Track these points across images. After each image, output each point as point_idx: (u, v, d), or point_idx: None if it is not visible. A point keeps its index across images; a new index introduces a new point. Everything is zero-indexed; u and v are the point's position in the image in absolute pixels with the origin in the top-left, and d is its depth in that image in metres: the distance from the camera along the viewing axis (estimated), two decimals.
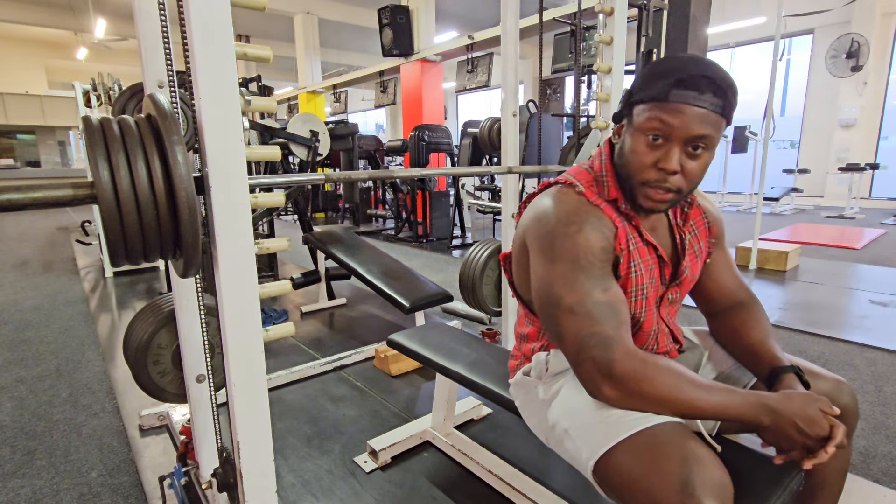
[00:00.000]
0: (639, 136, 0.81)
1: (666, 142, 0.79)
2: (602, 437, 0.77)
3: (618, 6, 1.65)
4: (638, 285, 0.87)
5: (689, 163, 0.80)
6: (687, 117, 0.76)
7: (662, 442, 0.73)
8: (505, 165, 1.81)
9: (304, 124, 3.06)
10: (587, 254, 0.81)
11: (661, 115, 0.77)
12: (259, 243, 0.82)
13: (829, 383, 0.91)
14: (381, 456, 1.55)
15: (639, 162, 0.82)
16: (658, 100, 0.78)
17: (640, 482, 0.71)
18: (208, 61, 0.71)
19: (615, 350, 0.76)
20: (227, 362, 0.79)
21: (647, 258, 0.88)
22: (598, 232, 0.82)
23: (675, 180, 0.80)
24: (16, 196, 0.62)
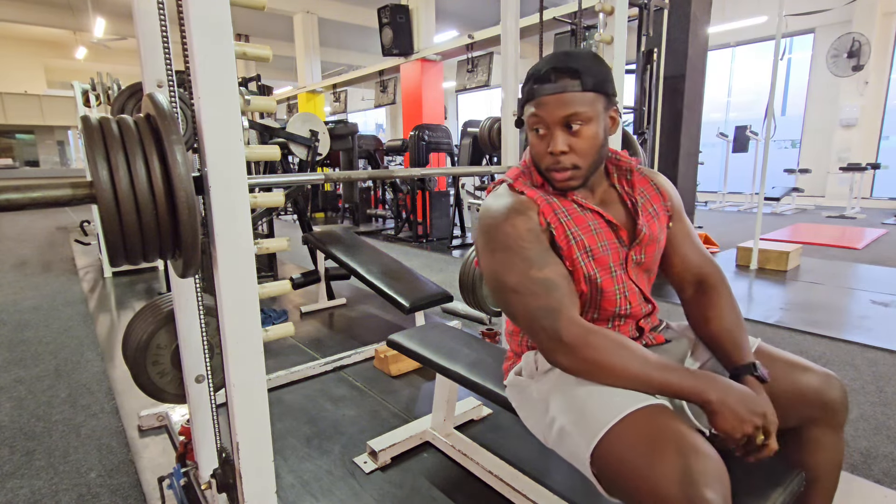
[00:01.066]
0: (530, 132, 0.94)
1: (546, 130, 0.91)
2: (594, 425, 0.78)
3: (618, 6, 1.65)
4: (582, 249, 0.92)
5: (574, 140, 0.89)
6: (550, 105, 0.88)
7: (657, 429, 0.74)
8: (505, 165, 1.80)
9: (304, 124, 3.06)
10: (517, 238, 0.89)
11: (534, 110, 0.91)
12: (258, 243, 0.82)
13: (818, 377, 0.91)
14: (381, 456, 1.55)
15: (536, 153, 0.94)
16: (529, 99, 0.92)
17: (638, 472, 0.71)
18: (208, 61, 0.71)
19: (560, 318, 0.83)
20: (227, 362, 0.79)
21: (591, 224, 0.94)
22: (522, 216, 0.91)
23: (566, 159, 0.90)
24: (15, 196, 0.62)
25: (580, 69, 0.87)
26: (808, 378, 0.91)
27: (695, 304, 1.01)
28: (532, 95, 0.91)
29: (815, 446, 0.93)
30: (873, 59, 7.83)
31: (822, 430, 0.92)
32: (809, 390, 0.90)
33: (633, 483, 0.72)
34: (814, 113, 9.09)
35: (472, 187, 7.19)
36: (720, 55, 10.21)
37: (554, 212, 0.93)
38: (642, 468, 0.71)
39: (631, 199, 0.99)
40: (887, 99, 8.33)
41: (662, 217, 1.01)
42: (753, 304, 3.25)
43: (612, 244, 0.95)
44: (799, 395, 0.89)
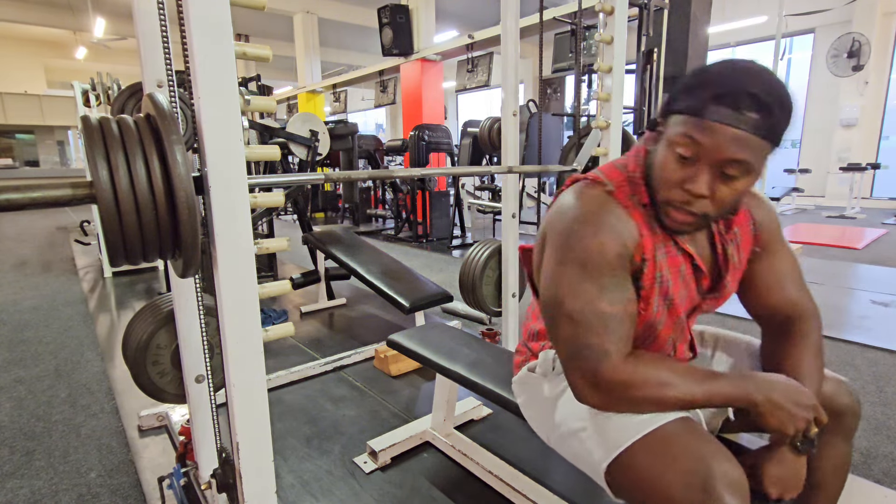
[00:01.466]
0: (669, 150, 0.74)
1: (696, 162, 0.72)
2: (616, 437, 0.75)
3: (618, 5, 1.65)
4: (663, 296, 0.81)
5: (720, 188, 0.72)
6: (721, 138, 0.68)
7: (676, 440, 0.71)
8: (505, 165, 1.80)
9: (304, 124, 3.06)
10: (599, 259, 0.75)
11: (693, 131, 0.70)
12: (258, 243, 0.82)
13: (829, 383, 0.89)
14: (381, 456, 1.55)
15: (665, 178, 0.75)
16: (692, 114, 0.70)
17: (656, 481, 0.70)
18: (208, 61, 0.71)
19: (605, 362, 0.74)
20: (227, 363, 0.79)
21: (681, 268, 0.82)
22: (615, 237, 0.76)
23: (701, 205, 0.73)
24: (14, 196, 0.62)
25: (775, 110, 0.68)
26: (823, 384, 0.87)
27: (771, 342, 0.90)
28: (702, 112, 0.69)
29: (822, 453, 0.88)
30: (873, 59, 7.83)
31: (831, 437, 0.88)
32: (825, 395, 0.85)
33: (649, 492, 0.70)
34: (814, 113, 9.08)
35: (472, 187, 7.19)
36: (720, 55, 10.20)
37: (654, 247, 0.79)
38: (660, 477, 0.69)
39: (723, 243, 0.85)
40: (887, 99, 8.33)
41: (742, 266, 0.89)
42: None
43: (690, 293, 0.85)
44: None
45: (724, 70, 0.70)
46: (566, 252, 0.77)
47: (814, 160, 8.84)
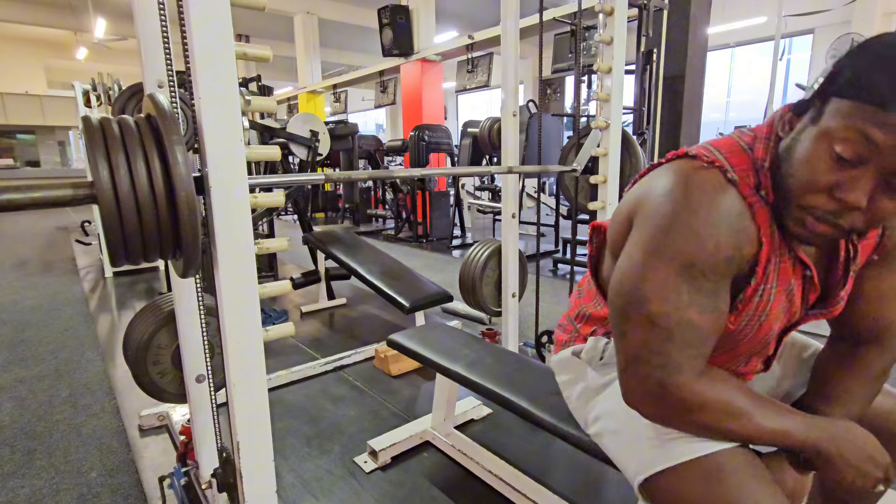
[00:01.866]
0: (822, 144, 0.58)
1: (860, 165, 0.56)
2: (657, 454, 0.70)
3: (618, 6, 1.65)
4: (760, 311, 0.69)
5: (883, 201, 0.57)
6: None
7: (728, 475, 0.65)
8: (505, 165, 1.81)
9: (304, 124, 3.06)
10: (706, 259, 0.62)
11: (867, 127, 0.54)
12: (259, 243, 0.82)
13: (892, 400, 0.80)
14: (381, 456, 1.55)
15: (809, 178, 0.59)
16: (874, 103, 0.53)
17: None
18: (208, 61, 0.71)
19: (675, 377, 0.65)
20: (227, 362, 0.79)
21: (790, 283, 0.69)
22: (733, 237, 0.62)
23: (849, 218, 0.59)
24: (15, 196, 0.62)
25: None
26: (882, 400, 0.79)
27: (835, 354, 0.81)
28: (886, 104, 0.53)
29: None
30: None
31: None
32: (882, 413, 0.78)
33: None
34: None
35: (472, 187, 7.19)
36: (720, 55, 10.21)
37: (769, 257, 0.66)
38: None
39: (853, 248, 0.71)
40: None
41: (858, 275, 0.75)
42: None
43: (793, 307, 0.72)
44: (868, 421, 0.76)
45: None
46: (666, 244, 0.63)
47: None
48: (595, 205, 1.78)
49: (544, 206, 5.78)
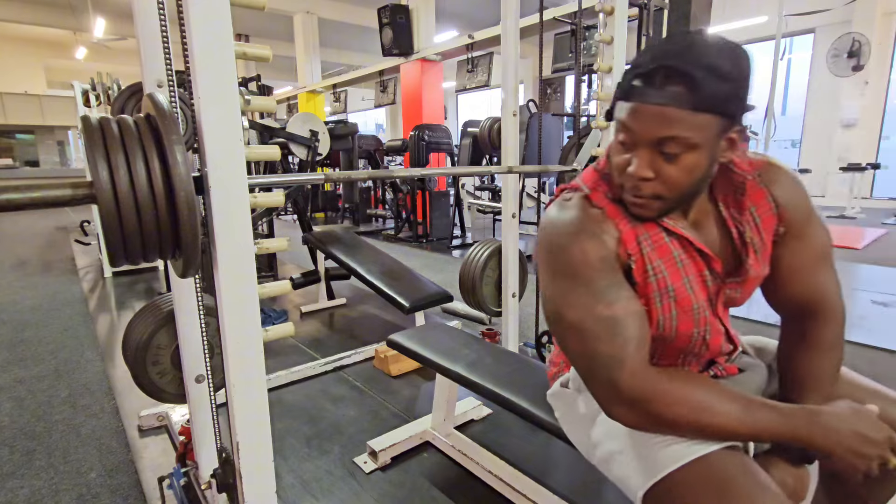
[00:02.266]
0: (615, 137, 0.73)
1: (632, 145, 0.70)
2: (653, 463, 0.71)
3: (618, 6, 1.65)
4: (662, 288, 0.75)
5: (665, 167, 0.68)
6: (645, 118, 0.66)
7: (726, 476, 0.65)
8: (505, 165, 1.80)
9: (304, 124, 3.06)
10: (585, 266, 0.72)
11: (624, 116, 0.69)
12: (258, 243, 0.82)
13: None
14: (381, 456, 1.55)
15: (616, 164, 0.73)
16: (622, 98, 0.69)
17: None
18: (208, 61, 0.71)
19: (622, 369, 0.69)
20: (227, 362, 0.79)
21: (674, 254, 0.76)
22: (595, 240, 0.73)
23: (648, 187, 0.70)
24: (14, 196, 0.62)
25: (698, 78, 0.63)
26: (891, 410, 0.77)
27: (787, 340, 0.86)
28: (627, 96, 0.68)
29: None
30: (873, 59, 7.83)
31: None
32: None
33: None
34: (814, 113, 9.08)
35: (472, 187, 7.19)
36: None
37: (637, 239, 0.75)
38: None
39: (737, 227, 0.78)
40: (887, 99, 8.33)
41: (767, 249, 0.80)
42: (753, 304, 3.23)
43: (698, 278, 0.77)
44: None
45: (654, 45, 0.68)
46: (554, 266, 0.75)
47: (814, 160, 8.84)
48: None
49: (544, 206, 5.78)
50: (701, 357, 0.83)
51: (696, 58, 0.63)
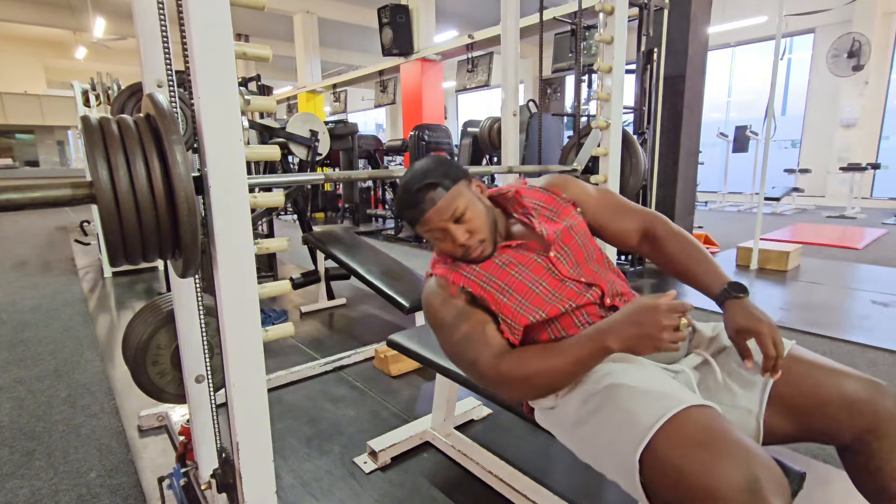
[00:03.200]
0: (431, 239, 1.06)
1: (444, 233, 1.01)
2: (639, 428, 0.74)
3: (618, 5, 1.65)
4: (498, 289, 0.99)
5: (462, 229, 1.00)
6: (433, 218, 1.00)
7: (711, 432, 0.71)
8: (505, 165, 1.80)
9: (304, 124, 3.06)
10: (437, 315, 1.01)
11: (425, 228, 1.02)
12: (258, 243, 0.81)
13: (864, 384, 0.85)
14: (381, 456, 1.55)
15: (448, 251, 1.05)
16: (413, 223, 1.03)
17: (696, 478, 0.67)
18: (208, 61, 0.70)
19: (479, 366, 0.93)
20: (227, 363, 0.79)
21: (498, 261, 1.02)
22: (437, 296, 1.02)
23: (472, 241, 1.01)
24: (14, 196, 0.62)
25: (435, 179, 0.99)
26: (853, 386, 0.85)
27: (652, 257, 1.12)
28: (414, 220, 1.02)
29: (882, 461, 0.84)
30: (873, 59, 7.83)
31: (882, 441, 0.84)
32: (859, 401, 0.84)
33: (689, 492, 0.67)
34: (814, 113, 9.08)
35: None
36: (720, 55, 10.21)
37: (463, 274, 1.02)
38: (701, 474, 0.67)
39: (526, 217, 1.08)
40: (887, 99, 8.33)
41: (564, 210, 1.09)
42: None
43: (528, 263, 1.01)
44: (848, 406, 0.84)
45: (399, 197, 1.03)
46: (431, 323, 1.04)
47: (814, 160, 8.84)
48: None
49: None
50: (584, 308, 0.98)
51: (425, 173, 1.00)
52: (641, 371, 0.86)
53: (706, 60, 4.30)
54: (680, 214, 4.34)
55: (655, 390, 0.79)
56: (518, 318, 0.96)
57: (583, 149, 1.81)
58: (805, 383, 0.88)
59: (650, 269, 4.12)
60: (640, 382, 0.82)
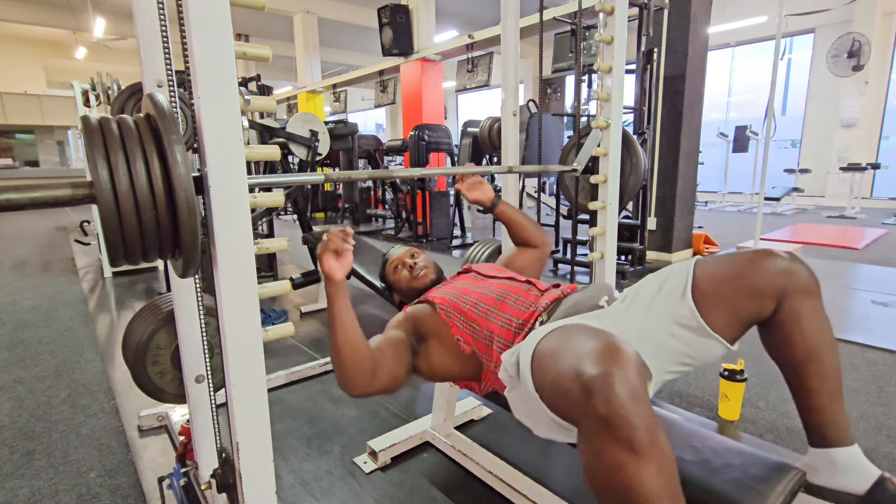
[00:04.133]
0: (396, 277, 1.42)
1: (402, 267, 1.42)
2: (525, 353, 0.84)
3: (618, 5, 1.65)
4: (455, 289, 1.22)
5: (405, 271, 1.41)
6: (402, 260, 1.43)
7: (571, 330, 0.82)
8: (505, 165, 1.80)
9: (304, 124, 3.06)
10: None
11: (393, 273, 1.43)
12: (258, 243, 0.81)
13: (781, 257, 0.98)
14: (381, 456, 1.55)
15: (402, 278, 1.41)
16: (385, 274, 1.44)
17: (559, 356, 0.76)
18: (207, 61, 0.70)
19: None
20: (227, 363, 0.79)
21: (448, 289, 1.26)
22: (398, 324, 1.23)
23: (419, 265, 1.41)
24: (14, 196, 0.62)
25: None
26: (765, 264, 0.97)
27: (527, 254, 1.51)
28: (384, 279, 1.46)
29: (797, 318, 0.97)
30: (873, 59, 7.83)
31: (798, 299, 0.97)
32: (770, 271, 0.96)
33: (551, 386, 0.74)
34: (814, 113, 9.08)
35: None
36: (720, 55, 10.21)
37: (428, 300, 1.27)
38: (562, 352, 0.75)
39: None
40: (887, 99, 8.33)
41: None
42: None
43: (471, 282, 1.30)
44: (769, 277, 0.96)
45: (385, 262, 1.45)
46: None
47: (814, 160, 8.84)
48: (595, 205, 1.77)
49: (544, 206, 5.78)
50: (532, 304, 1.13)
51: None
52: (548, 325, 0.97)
53: (706, 60, 4.30)
54: (680, 214, 4.35)
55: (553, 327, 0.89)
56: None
57: (583, 149, 1.81)
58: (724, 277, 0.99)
59: (651, 270, 4.12)
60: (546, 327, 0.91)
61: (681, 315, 0.99)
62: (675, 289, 1.02)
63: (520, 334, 1.08)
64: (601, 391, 0.65)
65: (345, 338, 1.01)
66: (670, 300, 1.01)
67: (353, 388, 1.02)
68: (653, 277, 1.09)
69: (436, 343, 1.15)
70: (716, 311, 0.97)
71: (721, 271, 1.00)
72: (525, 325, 1.09)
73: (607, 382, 0.65)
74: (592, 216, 1.83)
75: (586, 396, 0.66)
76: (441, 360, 1.15)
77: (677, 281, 1.03)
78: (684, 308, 0.98)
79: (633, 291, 1.11)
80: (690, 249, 4.60)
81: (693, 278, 1.01)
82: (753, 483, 0.85)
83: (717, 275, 1.00)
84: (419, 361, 1.15)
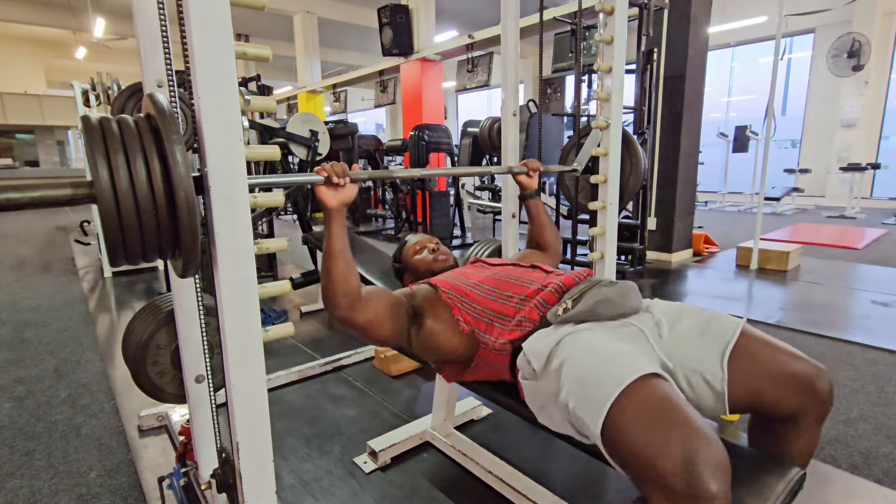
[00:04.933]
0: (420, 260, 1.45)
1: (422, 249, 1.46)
2: (598, 400, 0.81)
3: (618, 5, 1.65)
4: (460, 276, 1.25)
5: (428, 257, 1.44)
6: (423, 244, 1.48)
7: (660, 405, 0.77)
8: (505, 165, 1.80)
9: (304, 124, 3.06)
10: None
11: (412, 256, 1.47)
12: (258, 243, 0.81)
13: (809, 366, 0.94)
14: (381, 456, 1.55)
15: (424, 260, 1.44)
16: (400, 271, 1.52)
17: (644, 453, 0.73)
18: (208, 61, 0.70)
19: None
20: (227, 363, 0.79)
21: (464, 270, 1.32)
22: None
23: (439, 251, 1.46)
24: (14, 195, 0.62)
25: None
26: (799, 365, 0.93)
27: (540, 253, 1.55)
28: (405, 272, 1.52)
29: (797, 435, 0.95)
30: (873, 59, 7.83)
31: (809, 420, 0.94)
32: (802, 377, 0.92)
33: (640, 463, 0.74)
34: (814, 113, 9.08)
35: (472, 187, 7.19)
36: (720, 55, 10.20)
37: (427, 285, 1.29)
38: (648, 449, 0.73)
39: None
40: (887, 99, 8.33)
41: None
42: (753, 304, 3.25)
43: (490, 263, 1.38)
44: (792, 381, 0.92)
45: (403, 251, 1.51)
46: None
47: (814, 160, 8.84)
48: (595, 205, 1.77)
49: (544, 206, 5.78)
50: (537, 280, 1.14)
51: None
52: (594, 332, 0.96)
53: (706, 60, 4.30)
54: (680, 214, 4.35)
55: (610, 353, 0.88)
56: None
57: (583, 149, 1.81)
58: (761, 358, 0.95)
59: (650, 270, 4.12)
60: (596, 343, 0.92)
61: (709, 373, 0.96)
62: (714, 347, 0.97)
63: (522, 310, 1.07)
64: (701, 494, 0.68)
65: (334, 258, 1.02)
66: (706, 353, 0.97)
67: (336, 308, 1.03)
68: (694, 314, 1.04)
69: (432, 319, 1.14)
70: (737, 382, 0.94)
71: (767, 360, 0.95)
72: (528, 301, 1.08)
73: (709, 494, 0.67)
74: (592, 216, 1.83)
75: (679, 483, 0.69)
76: (435, 335, 1.14)
77: (720, 339, 0.98)
78: (716, 368, 0.95)
79: (671, 317, 1.05)
80: (690, 249, 4.60)
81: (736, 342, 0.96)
82: (753, 483, 0.85)
83: (761, 355, 0.96)
84: (412, 331, 1.14)
